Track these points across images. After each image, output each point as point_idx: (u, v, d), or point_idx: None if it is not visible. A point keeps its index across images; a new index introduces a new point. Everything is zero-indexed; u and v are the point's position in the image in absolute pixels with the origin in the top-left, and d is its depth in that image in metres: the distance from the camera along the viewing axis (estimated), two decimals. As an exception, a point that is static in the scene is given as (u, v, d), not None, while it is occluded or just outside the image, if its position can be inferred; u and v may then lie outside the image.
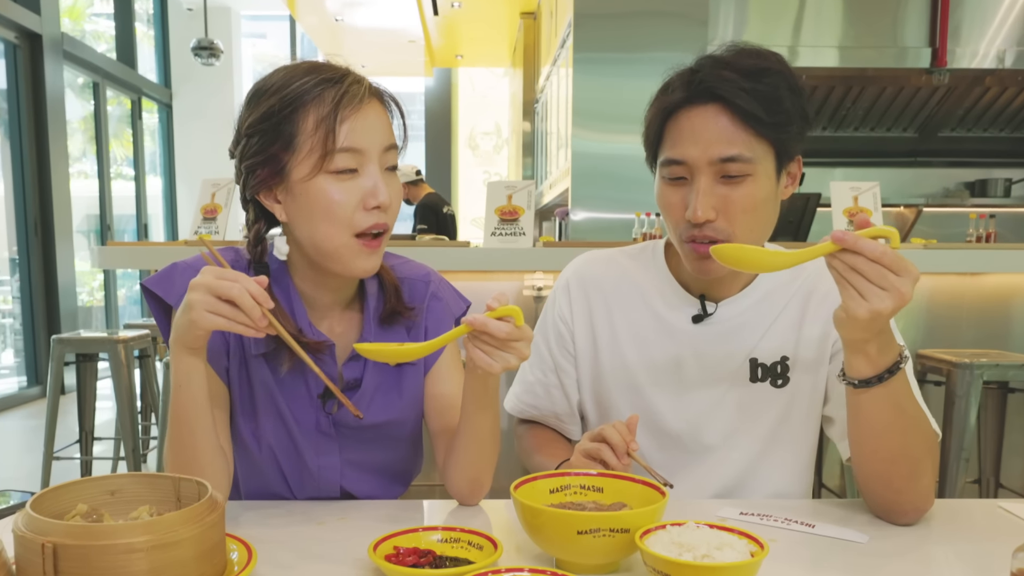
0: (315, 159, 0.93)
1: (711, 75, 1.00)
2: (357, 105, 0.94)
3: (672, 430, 1.13)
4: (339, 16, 7.45)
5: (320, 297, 1.04)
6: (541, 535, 0.81)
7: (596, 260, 1.23)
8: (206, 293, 0.84)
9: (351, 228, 0.95)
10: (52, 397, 3.03)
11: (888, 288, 0.81)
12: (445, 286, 1.15)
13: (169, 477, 0.77)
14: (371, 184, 0.95)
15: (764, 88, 0.99)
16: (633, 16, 3.99)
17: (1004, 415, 2.55)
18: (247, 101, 0.99)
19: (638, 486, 0.89)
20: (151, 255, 2.58)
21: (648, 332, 1.14)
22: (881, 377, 0.89)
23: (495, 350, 0.88)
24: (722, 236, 1.01)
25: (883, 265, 0.80)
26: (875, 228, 0.81)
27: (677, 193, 1.04)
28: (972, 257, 2.58)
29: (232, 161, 1.04)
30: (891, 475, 0.94)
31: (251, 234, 1.02)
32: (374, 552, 0.77)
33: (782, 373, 1.11)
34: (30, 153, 5.51)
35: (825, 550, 0.89)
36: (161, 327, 1.04)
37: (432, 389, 1.10)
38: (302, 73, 0.95)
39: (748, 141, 1.00)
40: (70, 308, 5.83)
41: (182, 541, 0.65)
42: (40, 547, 0.62)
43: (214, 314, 0.84)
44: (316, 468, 1.04)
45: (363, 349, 0.90)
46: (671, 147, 1.04)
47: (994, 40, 4.36)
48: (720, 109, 1.00)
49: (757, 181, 1.01)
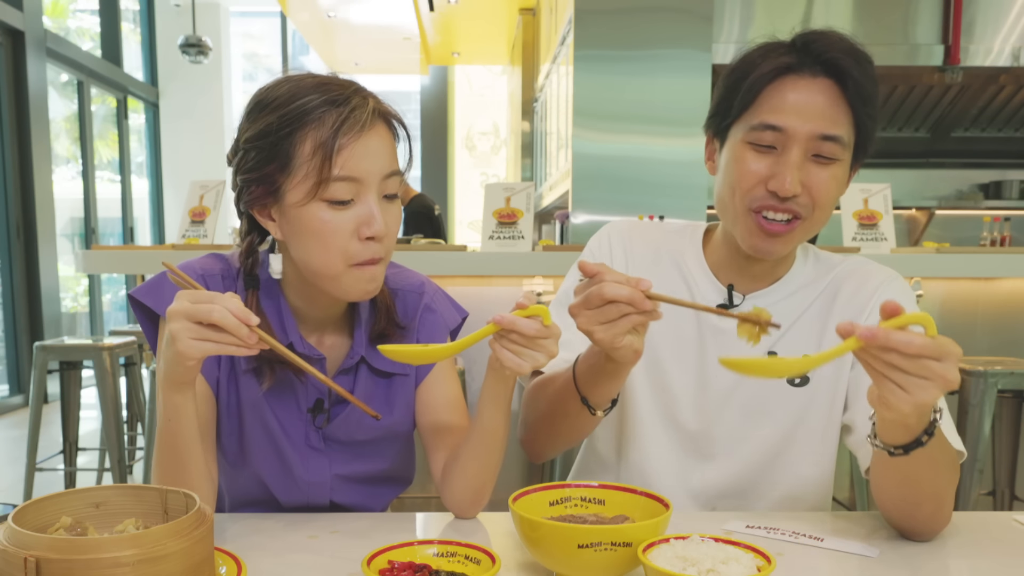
0: (310, 185, 0.91)
1: (826, 47, 0.98)
2: (359, 132, 0.92)
3: (685, 419, 1.13)
4: (331, 12, 7.35)
5: (312, 313, 1.03)
6: (540, 549, 0.81)
7: (639, 224, 1.22)
8: (186, 320, 0.81)
9: (346, 259, 0.94)
10: (35, 406, 3.01)
11: (931, 378, 0.73)
12: (440, 297, 1.14)
13: (156, 489, 0.76)
14: (367, 213, 0.93)
15: (870, 75, 0.99)
16: (636, 12, 3.92)
17: (1019, 425, 2.50)
18: (247, 111, 0.97)
19: (641, 498, 0.88)
20: (137, 259, 2.57)
21: (678, 311, 1.11)
22: (920, 441, 0.85)
23: (523, 349, 0.88)
24: (804, 212, 1.01)
25: (924, 357, 0.72)
26: (906, 316, 0.73)
27: (762, 161, 1.01)
28: (986, 261, 2.55)
29: (224, 164, 1.00)
30: (917, 515, 0.94)
31: (243, 246, 1.01)
32: (368, 566, 0.76)
33: None
34: (12, 154, 5.44)
35: (834, 565, 0.88)
36: (149, 339, 1.03)
37: (427, 399, 1.10)
38: (307, 90, 0.93)
39: (848, 125, 1.00)
40: (53, 314, 5.78)
41: (169, 555, 0.65)
42: (23, 561, 0.62)
43: (200, 340, 0.81)
44: (305, 484, 1.04)
45: (387, 350, 0.90)
46: (770, 112, 1.00)
47: (1009, 37, 4.32)
48: (831, 86, 0.99)
49: (842, 167, 1.01)
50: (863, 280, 1.09)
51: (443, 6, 6.89)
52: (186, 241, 2.64)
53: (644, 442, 1.13)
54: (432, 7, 6.86)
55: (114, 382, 2.95)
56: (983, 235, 3.00)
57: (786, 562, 0.87)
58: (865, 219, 2.60)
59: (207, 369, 1.00)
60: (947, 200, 4.88)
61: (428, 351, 0.92)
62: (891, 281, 1.11)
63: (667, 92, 3.71)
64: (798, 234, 1.03)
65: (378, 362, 1.06)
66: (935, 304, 2.73)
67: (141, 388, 3.37)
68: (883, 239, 2.58)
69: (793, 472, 1.11)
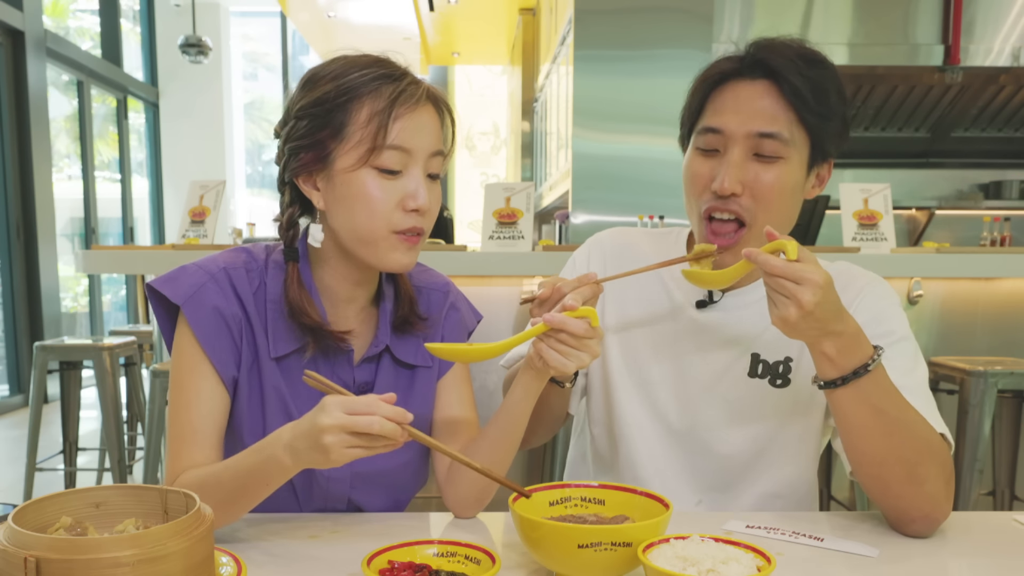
0: (363, 151, 0.94)
1: (767, 51, 1.02)
2: (413, 105, 0.95)
3: (670, 416, 1.15)
4: (331, 12, 7.35)
5: (341, 290, 1.04)
6: (540, 549, 0.80)
7: (620, 233, 1.26)
8: (342, 434, 0.81)
9: (389, 226, 0.96)
10: (35, 406, 3.01)
11: (789, 296, 0.86)
12: (462, 298, 1.17)
13: (156, 489, 0.75)
14: (413, 186, 0.96)
15: (815, 76, 1.01)
16: (636, 12, 3.92)
17: (1019, 425, 2.49)
18: (301, 84, 1.00)
19: (641, 498, 0.88)
20: (137, 259, 2.56)
21: (655, 308, 1.17)
22: (846, 379, 0.91)
23: (570, 349, 0.90)
24: (745, 214, 1.03)
25: (783, 278, 0.86)
26: (777, 242, 0.88)
27: (706, 164, 1.05)
28: (986, 261, 2.53)
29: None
30: (885, 478, 0.94)
31: (284, 218, 1.03)
32: (368, 566, 0.76)
33: (783, 374, 1.11)
34: (12, 154, 5.44)
35: (834, 564, 0.88)
36: (164, 329, 1.03)
37: (443, 395, 1.11)
38: (362, 65, 0.97)
39: (789, 123, 1.01)
40: (53, 314, 5.77)
41: (170, 555, 0.64)
42: (23, 561, 0.61)
43: (354, 448, 0.82)
44: (326, 479, 1.03)
45: (434, 349, 0.93)
46: (711, 116, 1.05)
47: (1009, 36, 4.32)
48: (769, 87, 1.02)
49: (789, 166, 1.03)
50: (846, 283, 1.08)
51: (443, 6, 6.88)
52: (186, 241, 2.64)
53: (634, 439, 1.16)
54: (432, 7, 6.85)
55: (114, 382, 2.95)
56: (983, 235, 2.98)
57: (786, 562, 0.87)
58: (865, 219, 2.60)
59: (224, 368, 0.99)
60: (947, 200, 4.86)
61: (476, 349, 0.93)
62: (874, 284, 1.11)
63: (667, 92, 3.69)
64: (747, 239, 1.04)
65: (402, 353, 1.07)
66: (935, 304, 2.71)
67: (141, 388, 3.36)
68: (883, 239, 2.58)
69: (776, 470, 1.13)
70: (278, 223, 1.04)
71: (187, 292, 0.98)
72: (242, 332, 1.00)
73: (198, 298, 0.98)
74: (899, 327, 1.07)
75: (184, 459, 0.97)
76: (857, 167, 4.78)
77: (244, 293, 1.01)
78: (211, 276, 1.00)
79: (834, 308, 0.88)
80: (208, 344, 0.98)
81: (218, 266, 1.01)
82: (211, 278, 1.00)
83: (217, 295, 0.99)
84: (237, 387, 1.01)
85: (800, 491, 1.15)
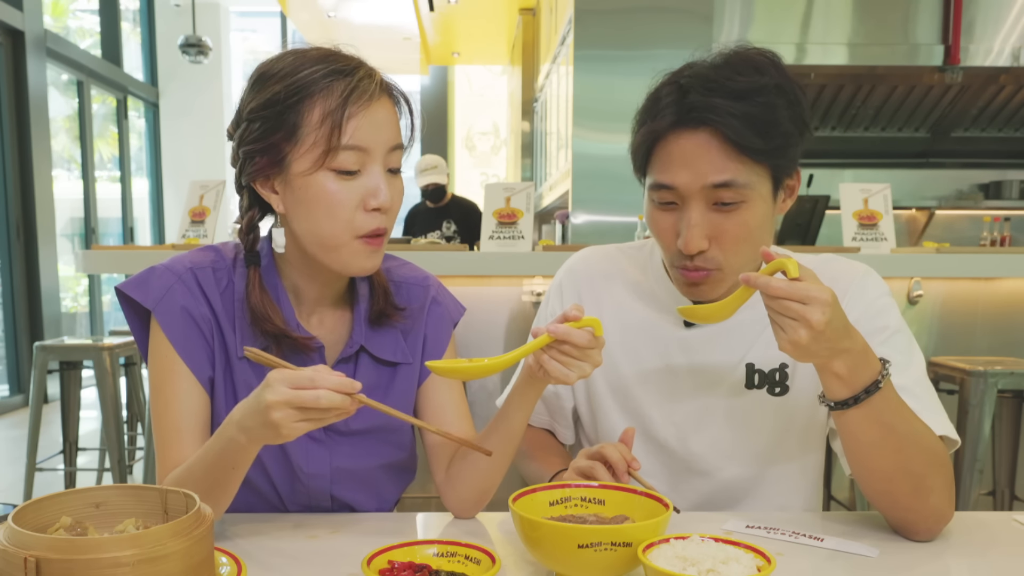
0: (318, 154, 0.91)
1: (701, 100, 0.95)
2: (367, 102, 0.92)
3: (662, 437, 1.12)
4: (331, 12, 7.34)
5: (310, 291, 1.02)
6: (540, 549, 0.80)
7: (591, 257, 1.23)
8: (289, 409, 0.79)
9: (352, 230, 0.93)
10: (35, 406, 3.00)
11: (797, 318, 0.83)
12: (444, 291, 1.15)
13: (156, 489, 0.75)
14: (374, 184, 0.93)
15: (758, 110, 0.94)
16: (636, 12, 3.92)
17: (1019, 425, 2.49)
18: (251, 83, 0.96)
19: (641, 498, 0.88)
20: (137, 259, 2.56)
21: (639, 334, 1.14)
22: (858, 398, 0.88)
23: (573, 360, 0.89)
24: (712, 266, 1.00)
25: (788, 299, 0.83)
26: (775, 262, 0.86)
27: (668, 218, 1.02)
28: (986, 261, 2.54)
29: (224, 164, 1.02)
30: (893, 493, 0.93)
31: (244, 222, 1.00)
32: (368, 566, 0.75)
33: (780, 381, 1.09)
34: (12, 153, 5.43)
35: (834, 565, 0.88)
36: (136, 333, 1.02)
37: (436, 401, 1.09)
38: (312, 61, 0.93)
39: (742, 167, 0.96)
40: (53, 314, 5.77)
41: (170, 555, 0.64)
42: (23, 561, 0.61)
43: (304, 422, 0.81)
44: (306, 476, 1.02)
45: (434, 367, 0.90)
46: (660, 171, 1.00)
47: (1009, 36, 4.32)
48: (712, 133, 0.96)
49: (752, 207, 0.98)
50: (835, 276, 1.06)
51: (443, 6, 6.88)
52: (186, 241, 2.64)
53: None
54: (432, 7, 6.85)
55: (114, 382, 2.94)
56: (983, 235, 2.99)
57: (786, 562, 0.87)
58: (865, 219, 2.60)
59: (199, 370, 0.98)
60: (947, 200, 4.86)
61: (477, 366, 0.90)
62: (864, 277, 1.09)
63: (667, 92, 3.69)
64: (724, 278, 1.02)
65: (380, 350, 1.05)
66: (935, 304, 2.71)
67: (141, 388, 3.36)
68: (883, 239, 2.58)
69: (784, 482, 1.11)
70: (238, 228, 1.01)
71: (157, 296, 0.97)
72: (212, 332, 0.99)
73: (168, 301, 0.97)
74: (892, 320, 1.05)
75: (172, 459, 0.96)
76: (857, 167, 4.80)
77: (211, 293, 0.99)
78: (178, 277, 0.99)
79: (842, 325, 0.85)
80: (181, 346, 0.97)
81: (184, 266, 1.00)
82: (178, 279, 0.98)
83: (185, 296, 0.98)
84: (214, 386, 1.00)
85: (810, 498, 1.14)
